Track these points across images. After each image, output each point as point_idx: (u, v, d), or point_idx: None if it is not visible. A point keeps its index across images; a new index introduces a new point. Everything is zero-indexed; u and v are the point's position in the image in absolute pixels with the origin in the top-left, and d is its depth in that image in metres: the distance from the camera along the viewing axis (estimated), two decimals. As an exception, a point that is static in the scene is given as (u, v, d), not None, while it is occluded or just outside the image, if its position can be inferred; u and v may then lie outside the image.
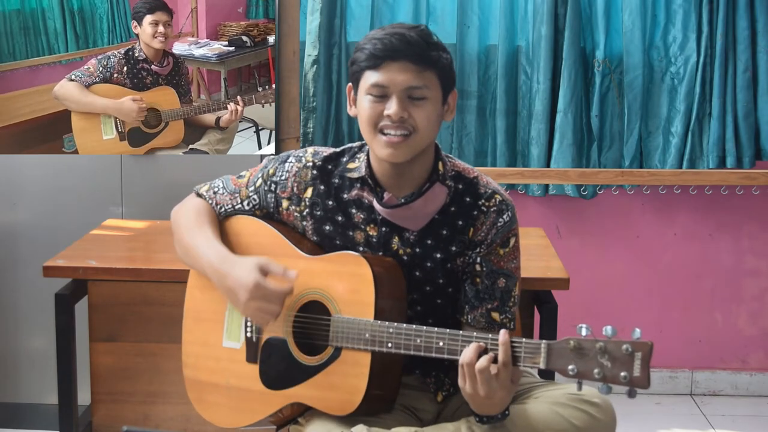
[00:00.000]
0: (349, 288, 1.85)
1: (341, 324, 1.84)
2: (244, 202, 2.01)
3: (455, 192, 1.91)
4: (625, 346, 1.58)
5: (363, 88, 1.85)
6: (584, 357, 1.61)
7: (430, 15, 3.51)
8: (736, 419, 3.47)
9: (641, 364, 1.57)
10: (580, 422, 1.78)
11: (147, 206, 3.26)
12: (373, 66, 1.82)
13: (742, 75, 3.41)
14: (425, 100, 1.82)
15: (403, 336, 1.78)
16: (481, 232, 1.90)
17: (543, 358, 1.65)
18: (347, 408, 1.82)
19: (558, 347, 1.64)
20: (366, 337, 1.80)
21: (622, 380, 1.59)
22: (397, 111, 1.80)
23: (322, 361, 1.86)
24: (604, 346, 1.60)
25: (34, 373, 3.38)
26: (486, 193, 1.91)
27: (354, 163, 1.94)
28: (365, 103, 1.84)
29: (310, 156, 1.97)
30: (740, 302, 3.66)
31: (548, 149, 3.47)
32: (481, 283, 1.90)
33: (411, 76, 1.81)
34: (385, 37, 1.81)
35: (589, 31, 3.46)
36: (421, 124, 1.82)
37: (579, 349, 1.62)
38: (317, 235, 1.95)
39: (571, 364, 1.62)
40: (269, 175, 1.99)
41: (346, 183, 1.93)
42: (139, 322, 2.50)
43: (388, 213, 1.89)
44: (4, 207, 3.32)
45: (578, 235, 3.62)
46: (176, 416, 2.51)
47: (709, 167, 3.44)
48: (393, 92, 1.81)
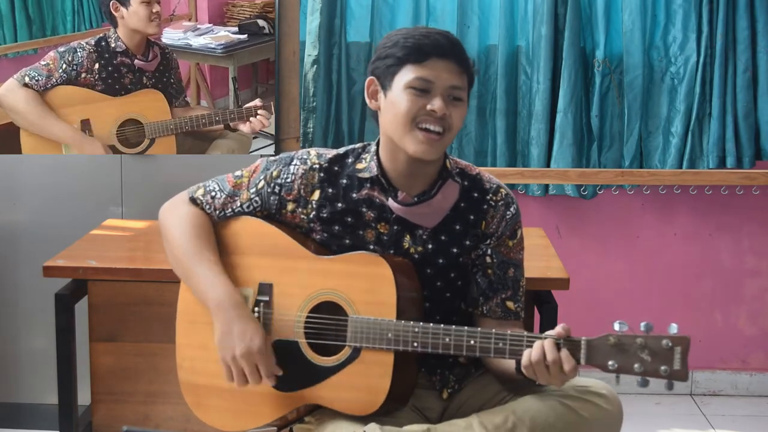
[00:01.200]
0: (366, 288, 1.85)
1: (361, 324, 1.83)
2: (245, 205, 1.99)
3: (462, 189, 1.95)
4: (665, 341, 1.62)
5: (402, 81, 1.84)
6: (624, 353, 1.65)
7: (430, 15, 3.51)
8: (736, 419, 3.47)
9: (681, 358, 1.62)
10: (588, 413, 1.80)
11: (147, 206, 3.26)
12: (418, 60, 1.83)
13: (742, 75, 3.41)
14: (462, 101, 1.87)
15: (431, 335, 1.79)
16: (492, 224, 1.95)
17: (583, 353, 1.69)
18: (369, 408, 1.82)
19: (597, 343, 1.67)
20: (389, 337, 1.81)
21: (662, 374, 1.63)
22: (442, 107, 1.82)
23: (339, 362, 1.86)
24: (644, 342, 1.64)
25: (34, 373, 3.38)
26: (492, 188, 1.97)
27: (362, 164, 1.94)
28: (404, 96, 1.84)
29: (314, 158, 1.96)
30: (740, 302, 3.66)
31: (548, 149, 3.48)
32: (494, 274, 1.95)
33: (455, 76, 1.85)
34: (431, 35, 1.84)
35: (589, 31, 3.46)
36: (456, 124, 1.86)
37: (619, 345, 1.65)
38: (326, 233, 1.94)
39: (611, 359, 1.66)
40: (272, 178, 1.96)
41: (356, 183, 1.93)
42: (139, 322, 2.50)
43: (404, 211, 1.91)
44: (4, 207, 3.32)
45: (578, 235, 3.62)
46: (176, 416, 2.51)
47: (709, 167, 3.44)
48: (437, 88, 1.83)
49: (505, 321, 1.96)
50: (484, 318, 1.96)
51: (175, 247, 1.97)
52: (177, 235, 1.98)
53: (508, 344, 1.75)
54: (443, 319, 1.88)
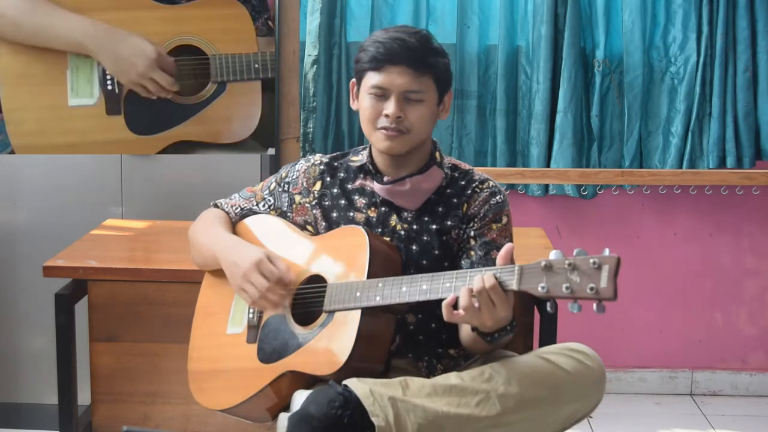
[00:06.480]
0: (346, 256, 1.95)
1: (335, 289, 1.92)
2: (260, 204, 2.18)
3: (451, 179, 2.07)
4: (592, 260, 1.62)
5: (365, 87, 2.01)
6: (555, 275, 1.65)
7: (430, 15, 3.51)
8: (736, 419, 3.47)
9: (608, 276, 1.61)
10: (570, 367, 1.83)
11: (147, 206, 3.26)
12: (375, 68, 1.98)
13: (742, 75, 3.41)
14: (421, 102, 1.98)
15: (391, 285, 1.85)
16: (475, 206, 2.03)
17: (516, 279, 1.70)
18: (334, 365, 1.84)
19: (529, 268, 1.70)
20: (357, 296, 1.87)
21: (589, 292, 1.62)
22: (395, 111, 1.96)
23: (314, 328, 1.93)
24: (573, 263, 1.64)
25: (34, 373, 3.38)
26: (480, 178, 2.08)
27: (358, 157, 2.12)
28: (366, 101, 2.00)
29: (318, 156, 2.16)
30: (740, 302, 3.66)
31: (548, 149, 3.48)
32: (475, 255, 2.01)
33: (409, 80, 1.96)
34: (387, 41, 1.97)
35: (589, 31, 3.46)
36: (415, 123, 1.98)
37: (549, 267, 1.66)
38: (325, 221, 2.09)
39: (542, 283, 1.67)
40: (282, 178, 2.17)
41: (350, 174, 2.10)
42: (139, 322, 2.50)
43: (387, 191, 2.04)
44: (4, 207, 3.32)
45: (578, 235, 3.62)
46: (176, 416, 2.51)
47: (709, 167, 3.44)
48: (392, 94, 1.97)
49: None
50: None
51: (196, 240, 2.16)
52: (198, 228, 2.17)
53: (454, 280, 1.79)
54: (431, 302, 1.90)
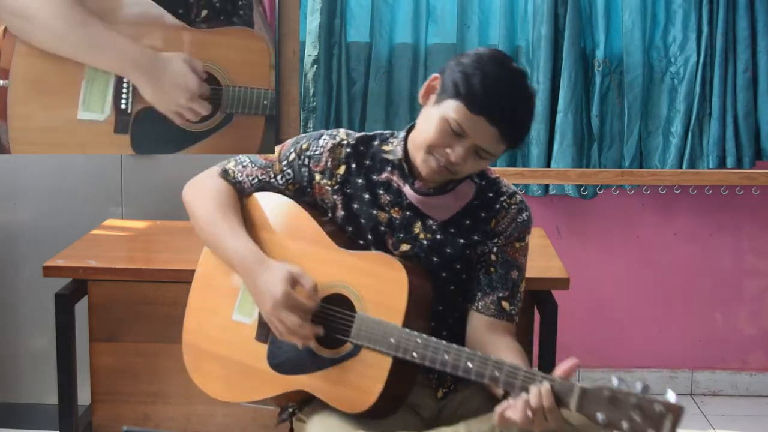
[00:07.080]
0: (379, 288, 1.86)
1: (366, 323, 1.84)
2: (278, 177, 2.02)
3: (479, 189, 2.00)
4: (659, 407, 1.56)
5: (446, 110, 1.84)
6: (616, 408, 1.58)
7: (430, 15, 3.51)
8: (736, 419, 3.47)
9: (671, 427, 1.56)
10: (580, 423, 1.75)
11: (147, 206, 3.26)
12: (470, 108, 1.81)
13: (742, 75, 3.41)
14: (485, 159, 1.89)
15: (431, 349, 1.77)
16: (502, 224, 1.98)
17: (575, 403, 1.62)
18: (357, 407, 1.82)
19: (592, 393, 1.61)
20: (391, 342, 1.80)
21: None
22: (459, 158, 1.85)
23: (339, 355, 1.86)
24: (638, 402, 1.57)
25: (34, 373, 3.38)
26: (508, 192, 2.02)
27: (388, 146, 1.98)
28: (437, 125, 1.84)
29: (344, 134, 2.01)
30: (740, 302, 3.66)
31: (548, 149, 3.48)
32: (495, 272, 1.97)
33: (491, 142, 1.84)
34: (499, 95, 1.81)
35: (589, 31, 3.46)
36: (467, 171, 1.91)
37: (613, 399, 1.59)
38: (345, 211, 1.98)
39: (601, 412, 1.60)
40: (302, 150, 2.00)
41: (378, 164, 1.97)
42: (139, 322, 2.50)
43: (418, 200, 1.95)
44: (4, 207, 3.32)
45: (578, 235, 3.62)
46: (176, 416, 2.51)
47: (709, 167, 3.44)
48: (468, 140, 1.84)
49: (497, 320, 1.95)
50: (478, 314, 1.96)
51: (201, 218, 2.01)
52: (203, 205, 2.02)
53: (504, 374, 1.70)
54: (444, 312, 1.90)
